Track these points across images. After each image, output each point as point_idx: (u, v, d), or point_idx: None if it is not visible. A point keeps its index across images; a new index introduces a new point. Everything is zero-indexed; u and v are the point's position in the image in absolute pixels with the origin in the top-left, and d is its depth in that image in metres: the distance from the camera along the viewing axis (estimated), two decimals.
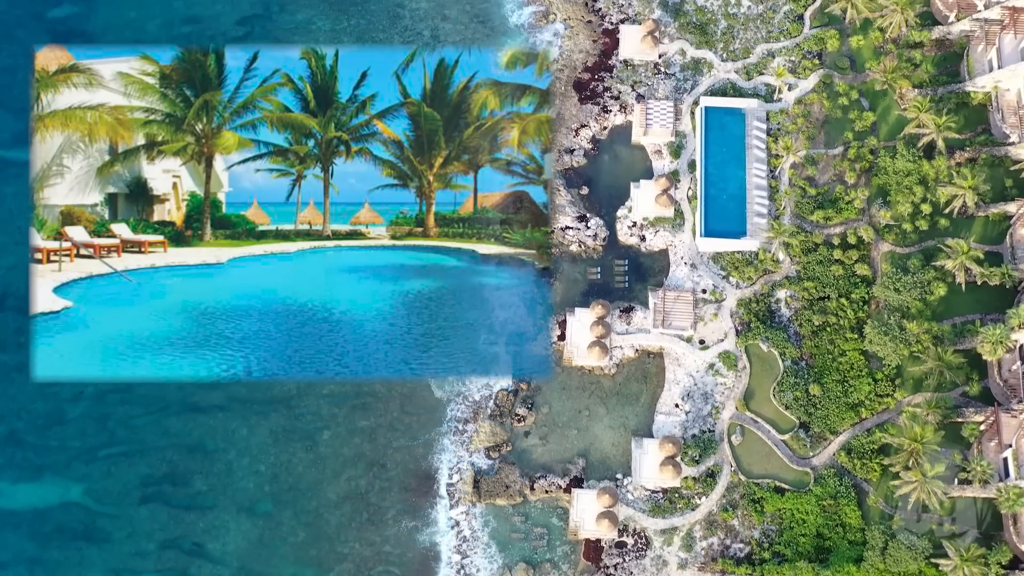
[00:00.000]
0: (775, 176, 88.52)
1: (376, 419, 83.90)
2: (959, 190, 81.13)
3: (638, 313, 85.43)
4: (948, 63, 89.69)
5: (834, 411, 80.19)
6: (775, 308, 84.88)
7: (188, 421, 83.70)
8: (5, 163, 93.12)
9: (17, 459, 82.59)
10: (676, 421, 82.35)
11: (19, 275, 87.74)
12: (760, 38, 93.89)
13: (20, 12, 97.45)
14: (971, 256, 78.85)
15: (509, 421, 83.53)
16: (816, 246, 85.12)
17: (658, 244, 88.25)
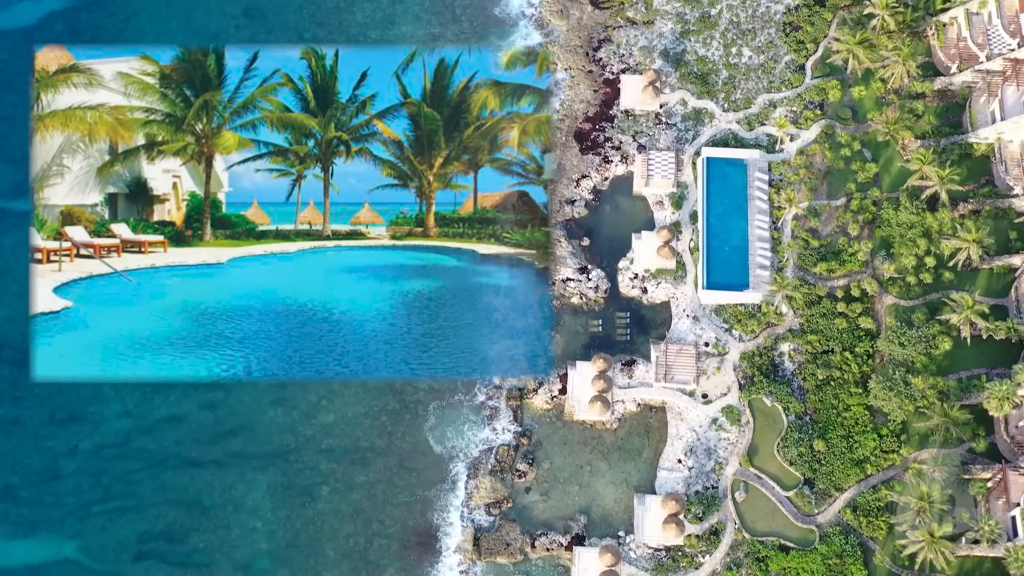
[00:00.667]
0: (777, 228, 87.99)
1: (375, 474, 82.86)
2: (963, 243, 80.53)
3: (640, 366, 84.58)
4: (950, 114, 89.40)
5: (839, 467, 79.13)
6: (778, 362, 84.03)
7: (185, 476, 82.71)
8: (4, 213, 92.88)
9: (11, 515, 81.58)
10: (679, 477, 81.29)
11: (17, 327, 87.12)
12: (761, 88, 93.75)
13: (19, 62, 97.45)
14: (976, 310, 78.11)
15: (510, 477, 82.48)
16: (819, 299, 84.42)
17: (660, 296, 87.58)
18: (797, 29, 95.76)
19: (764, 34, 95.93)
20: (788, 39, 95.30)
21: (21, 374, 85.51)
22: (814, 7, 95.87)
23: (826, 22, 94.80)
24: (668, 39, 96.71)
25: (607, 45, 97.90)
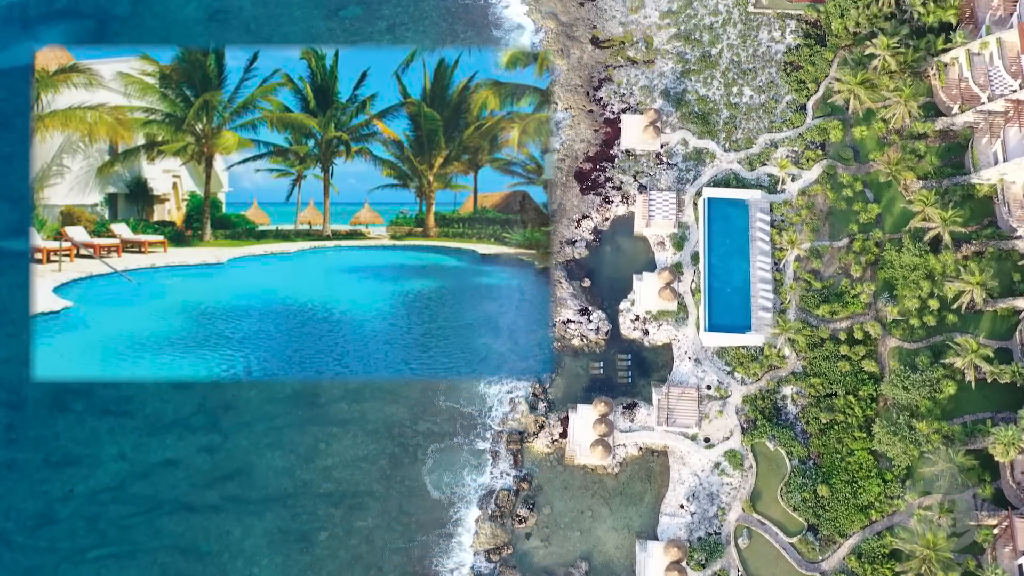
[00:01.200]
0: (779, 269, 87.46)
1: (374, 519, 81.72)
2: (967, 286, 79.90)
3: (641, 410, 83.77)
4: (952, 154, 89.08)
5: (843, 513, 78.11)
6: (781, 405, 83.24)
7: (181, 521, 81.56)
8: (2, 253, 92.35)
9: (5, 560, 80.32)
10: (681, 522, 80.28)
11: (12, 369, 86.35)
12: (763, 128, 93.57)
13: (18, 101, 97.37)
14: (981, 354, 77.41)
15: (510, 522, 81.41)
16: (822, 341, 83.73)
17: (661, 338, 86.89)
18: (798, 69, 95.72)
19: (765, 74, 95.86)
20: (789, 79, 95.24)
21: (16, 417, 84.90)
22: (815, 47, 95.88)
23: (827, 62, 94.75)
24: (669, 78, 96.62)
25: (608, 84, 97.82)
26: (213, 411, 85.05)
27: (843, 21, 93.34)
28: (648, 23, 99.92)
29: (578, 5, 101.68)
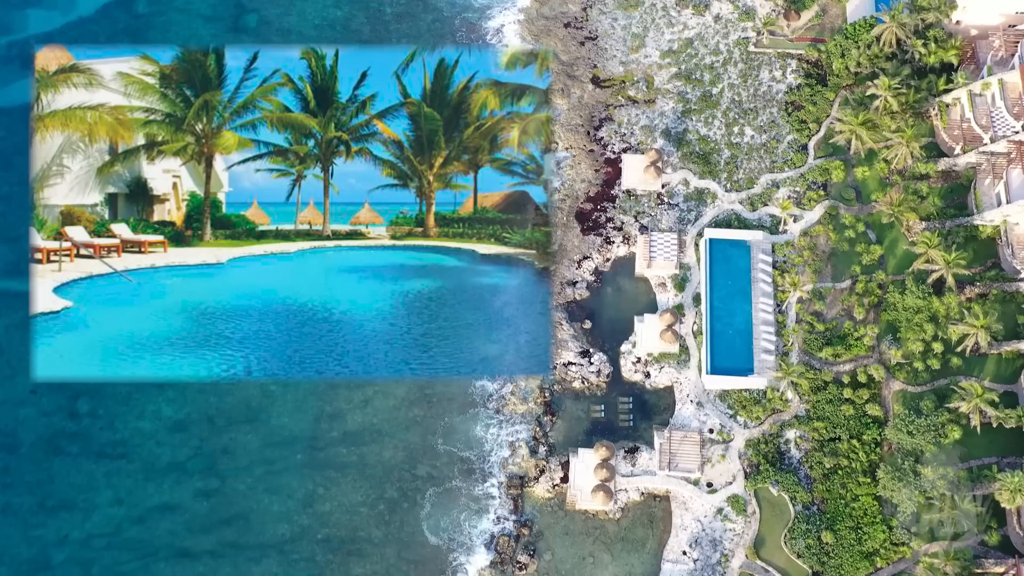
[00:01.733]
0: (782, 311, 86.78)
1: (371, 566, 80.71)
2: (971, 328, 79.14)
3: (643, 454, 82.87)
4: (955, 195, 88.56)
5: (848, 560, 77.10)
6: (784, 449, 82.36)
7: (177, 567, 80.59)
8: (1, 293, 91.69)
9: None
10: (684, 569, 79.23)
11: (7, 411, 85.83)
12: (764, 168, 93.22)
13: (17, 139, 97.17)
14: (985, 399, 76.54)
15: (510, 569, 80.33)
16: (825, 384, 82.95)
17: (663, 381, 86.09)
18: (799, 108, 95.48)
19: (766, 113, 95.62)
20: (790, 119, 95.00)
21: (11, 460, 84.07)
22: (816, 87, 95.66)
23: (828, 102, 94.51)
24: (670, 118, 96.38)
25: (608, 124, 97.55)
26: (210, 455, 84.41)
27: (844, 61, 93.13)
28: (649, 62, 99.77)
29: (579, 44, 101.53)
